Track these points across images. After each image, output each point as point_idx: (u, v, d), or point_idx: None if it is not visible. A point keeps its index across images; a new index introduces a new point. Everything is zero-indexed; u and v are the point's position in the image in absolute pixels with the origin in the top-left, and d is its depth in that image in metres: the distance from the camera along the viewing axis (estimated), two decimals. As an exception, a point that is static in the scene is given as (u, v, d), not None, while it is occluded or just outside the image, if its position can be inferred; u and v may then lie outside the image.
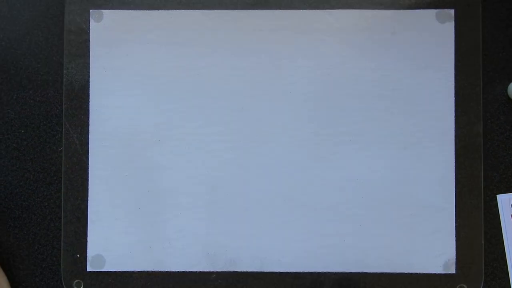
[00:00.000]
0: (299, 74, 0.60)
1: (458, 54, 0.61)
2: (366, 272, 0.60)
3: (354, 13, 0.61)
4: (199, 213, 0.60)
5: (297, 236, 0.60)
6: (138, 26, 0.61)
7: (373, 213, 0.60)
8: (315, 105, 0.60)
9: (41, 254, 0.61)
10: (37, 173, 0.61)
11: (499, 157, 0.61)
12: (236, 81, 0.60)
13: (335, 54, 0.61)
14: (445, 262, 0.60)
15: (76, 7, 0.61)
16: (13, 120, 0.61)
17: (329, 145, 0.60)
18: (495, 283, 0.61)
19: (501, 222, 0.61)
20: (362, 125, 0.60)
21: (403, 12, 0.61)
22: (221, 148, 0.60)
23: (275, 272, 0.60)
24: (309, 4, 0.61)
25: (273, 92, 0.60)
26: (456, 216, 0.60)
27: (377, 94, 0.60)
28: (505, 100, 0.61)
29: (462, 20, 0.61)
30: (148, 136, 0.60)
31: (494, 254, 0.61)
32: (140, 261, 0.60)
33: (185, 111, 0.60)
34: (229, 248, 0.60)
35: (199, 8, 0.61)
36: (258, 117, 0.60)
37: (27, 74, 0.61)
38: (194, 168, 0.60)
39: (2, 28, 0.61)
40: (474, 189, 0.60)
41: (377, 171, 0.60)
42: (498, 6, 0.62)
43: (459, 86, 0.60)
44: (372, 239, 0.60)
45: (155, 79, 0.60)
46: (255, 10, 0.61)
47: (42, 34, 0.61)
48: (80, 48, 0.60)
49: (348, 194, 0.60)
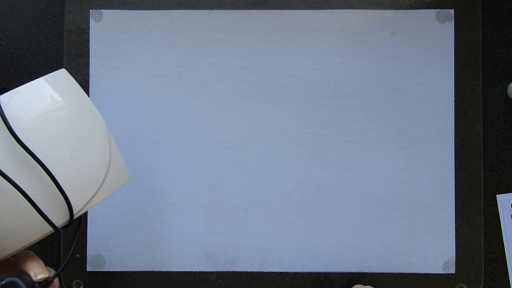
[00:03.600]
0: (299, 74, 0.60)
1: (457, 54, 0.61)
2: (366, 272, 0.60)
3: (354, 13, 0.61)
4: (199, 213, 0.60)
5: (297, 236, 0.60)
6: (138, 26, 0.61)
7: (373, 213, 0.60)
8: (315, 105, 0.60)
9: (41, 254, 0.61)
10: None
11: (499, 157, 0.61)
12: (236, 81, 0.60)
13: (335, 54, 0.61)
14: (445, 262, 0.60)
15: (76, 7, 0.61)
16: (13, 120, 0.61)
17: (329, 145, 0.60)
18: (495, 283, 0.61)
19: (501, 222, 0.61)
20: (362, 125, 0.60)
21: (403, 12, 0.61)
22: (221, 148, 0.60)
23: (274, 272, 0.60)
24: (309, 4, 0.61)
25: (273, 92, 0.60)
26: (456, 216, 0.60)
27: (377, 94, 0.60)
28: (505, 100, 0.61)
29: (461, 20, 0.61)
30: (148, 136, 0.60)
31: (494, 254, 0.61)
32: (140, 261, 0.60)
33: (185, 111, 0.60)
34: (229, 248, 0.60)
35: (199, 8, 0.61)
36: (258, 117, 0.60)
37: (27, 74, 0.61)
38: (194, 168, 0.60)
39: (2, 28, 0.61)
40: (474, 189, 0.60)
41: (377, 171, 0.60)
42: (498, 6, 0.62)
43: (459, 86, 0.60)
44: (372, 239, 0.60)
45: (155, 79, 0.60)
46: (255, 10, 0.61)
47: (42, 34, 0.61)
48: (80, 48, 0.60)
49: (348, 194, 0.60)
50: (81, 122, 0.43)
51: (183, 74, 0.60)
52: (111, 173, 0.44)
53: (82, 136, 0.43)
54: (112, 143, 0.45)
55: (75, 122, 0.43)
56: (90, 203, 0.43)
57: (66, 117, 0.42)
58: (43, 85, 0.42)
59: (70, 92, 0.44)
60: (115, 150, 0.45)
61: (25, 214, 0.40)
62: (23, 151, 0.39)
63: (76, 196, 0.41)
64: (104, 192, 0.43)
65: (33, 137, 0.40)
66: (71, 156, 0.42)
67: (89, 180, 0.43)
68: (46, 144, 0.41)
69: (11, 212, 0.40)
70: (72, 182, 0.41)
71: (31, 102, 0.41)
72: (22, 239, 0.41)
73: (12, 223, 0.40)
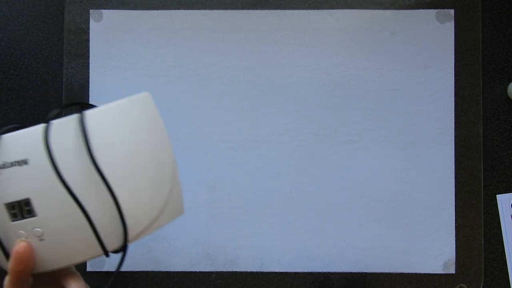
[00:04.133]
0: (299, 74, 0.60)
1: (457, 54, 0.61)
2: (366, 272, 0.60)
3: (354, 13, 0.61)
4: (199, 213, 0.60)
5: (297, 236, 0.60)
6: (138, 26, 0.61)
7: (373, 213, 0.60)
8: (315, 105, 0.60)
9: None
10: (37, 173, 0.61)
11: (499, 157, 0.61)
12: (236, 81, 0.60)
13: (335, 54, 0.61)
14: (445, 262, 0.60)
15: (76, 7, 0.61)
16: (13, 120, 0.61)
17: (329, 145, 0.60)
18: (495, 283, 0.61)
19: (501, 222, 0.61)
20: (362, 125, 0.60)
21: (403, 12, 0.61)
22: (221, 148, 0.60)
23: (274, 272, 0.60)
24: (309, 4, 0.61)
25: (273, 92, 0.60)
26: (456, 216, 0.60)
27: (377, 94, 0.60)
28: (505, 100, 0.61)
29: (461, 20, 0.61)
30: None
31: (494, 254, 0.61)
32: (140, 261, 0.60)
33: (185, 111, 0.60)
34: (229, 248, 0.60)
35: (199, 8, 0.61)
36: (258, 117, 0.60)
37: (27, 74, 0.61)
38: (194, 168, 0.60)
39: (2, 28, 0.61)
40: (474, 189, 0.60)
41: (377, 171, 0.60)
42: (498, 6, 0.62)
43: (459, 86, 0.60)
44: (372, 239, 0.60)
45: (155, 79, 0.60)
46: (255, 10, 0.61)
47: (42, 34, 0.61)
48: (80, 48, 0.60)
49: (348, 194, 0.60)
50: (153, 151, 0.43)
51: (183, 74, 0.60)
52: (169, 204, 0.44)
53: (151, 164, 0.42)
54: (176, 175, 0.44)
55: (148, 150, 0.42)
56: (144, 232, 0.42)
57: (141, 143, 0.42)
58: (126, 106, 0.42)
59: (149, 117, 0.43)
60: (177, 183, 0.45)
61: (81, 233, 0.39)
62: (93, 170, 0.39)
63: (133, 223, 0.41)
64: (159, 223, 0.43)
65: (105, 157, 0.39)
66: (137, 182, 0.41)
67: (149, 210, 0.42)
68: (116, 167, 0.40)
69: (67, 229, 0.39)
70: (132, 209, 0.41)
71: (111, 122, 0.40)
72: (71, 257, 0.41)
73: (66, 239, 0.40)
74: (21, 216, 0.39)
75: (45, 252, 0.40)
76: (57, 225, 0.39)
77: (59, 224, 0.39)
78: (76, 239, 0.40)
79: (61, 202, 0.39)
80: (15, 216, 0.39)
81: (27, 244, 0.39)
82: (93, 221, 0.39)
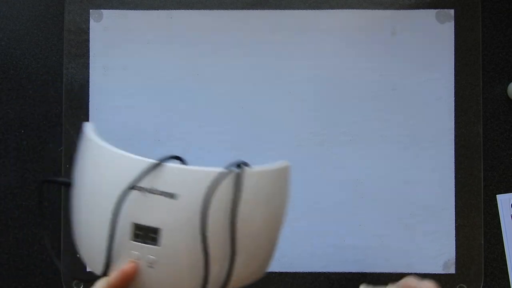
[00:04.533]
0: (299, 74, 0.60)
1: (457, 54, 0.61)
2: (366, 272, 0.60)
3: (354, 13, 0.61)
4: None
5: (297, 236, 0.60)
6: (138, 26, 0.61)
7: (373, 213, 0.60)
8: (315, 105, 0.60)
9: (41, 254, 0.61)
10: (37, 173, 0.61)
11: (499, 157, 0.61)
12: (236, 81, 0.60)
13: (335, 54, 0.61)
14: (445, 262, 0.60)
15: (76, 7, 0.61)
16: (13, 120, 0.61)
17: (329, 145, 0.60)
18: (495, 283, 0.61)
19: (501, 222, 0.61)
20: (362, 125, 0.60)
21: (403, 12, 0.61)
22: (221, 148, 0.60)
23: (274, 272, 0.60)
24: (309, 4, 0.61)
25: (273, 91, 0.60)
26: (456, 216, 0.60)
27: (377, 94, 0.60)
28: (505, 100, 0.61)
29: (461, 20, 0.61)
30: (148, 136, 0.60)
31: (494, 254, 0.61)
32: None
33: (185, 111, 0.60)
34: (229, 248, 0.60)
35: (199, 8, 0.61)
36: (258, 116, 0.60)
37: (27, 74, 0.61)
38: (194, 168, 0.60)
39: (2, 28, 0.61)
40: (474, 189, 0.60)
41: (377, 171, 0.60)
42: (498, 6, 0.62)
43: (459, 86, 0.60)
44: (372, 239, 0.60)
45: (155, 79, 0.60)
46: (255, 10, 0.61)
47: (42, 34, 0.61)
48: (80, 48, 0.60)
49: (348, 194, 0.60)
50: (276, 219, 0.44)
51: (183, 74, 0.60)
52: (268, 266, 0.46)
53: (275, 230, 0.44)
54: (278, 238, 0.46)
55: (278, 217, 0.44)
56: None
57: (276, 208, 0.44)
58: (277, 173, 0.44)
59: (283, 187, 0.45)
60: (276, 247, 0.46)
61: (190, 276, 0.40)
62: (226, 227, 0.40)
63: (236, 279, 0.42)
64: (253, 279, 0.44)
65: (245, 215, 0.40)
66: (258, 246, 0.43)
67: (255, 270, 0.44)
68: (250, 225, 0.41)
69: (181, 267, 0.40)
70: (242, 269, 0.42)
71: (256, 185, 0.42)
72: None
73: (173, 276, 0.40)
74: (143, 240, 0.40)
75: (148, 279, 0.40)
76: (173, 261, 0.40)
77: (175, 261, 0.40)
78: (183, 277, 0.40)
79: (190, 246, 0.39)
80: (137, 237, 0.40)
81: (136, 266, 0.40)
82: (210, 270, 0.40)
